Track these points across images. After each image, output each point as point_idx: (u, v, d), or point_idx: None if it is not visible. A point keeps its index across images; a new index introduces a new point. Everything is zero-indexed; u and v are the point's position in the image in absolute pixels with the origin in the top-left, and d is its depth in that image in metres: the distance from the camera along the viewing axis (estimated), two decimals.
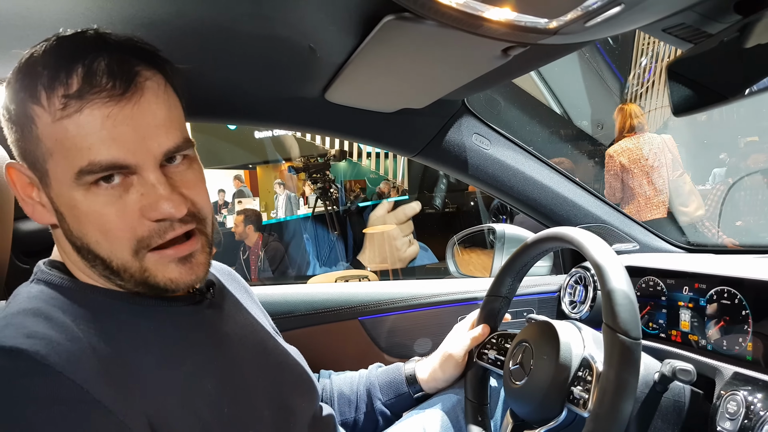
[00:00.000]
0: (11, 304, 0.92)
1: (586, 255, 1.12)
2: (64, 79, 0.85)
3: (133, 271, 0.92)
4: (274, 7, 1.05)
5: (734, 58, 0.99)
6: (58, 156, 0.87)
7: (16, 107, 0.89)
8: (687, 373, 1.12)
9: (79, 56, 0.86)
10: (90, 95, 0.85)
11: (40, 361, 0.78)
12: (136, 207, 0.89)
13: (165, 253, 0.93)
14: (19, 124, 0.89)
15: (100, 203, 0.88)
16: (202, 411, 0.92)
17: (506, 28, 0.99)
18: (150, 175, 0.89)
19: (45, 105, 0.85)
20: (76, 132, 0.85)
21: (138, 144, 0.87)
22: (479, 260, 2.38)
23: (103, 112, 0.85)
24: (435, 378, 1.48)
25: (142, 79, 0.89)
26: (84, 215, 0.89)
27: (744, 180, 4.99)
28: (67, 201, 0.89)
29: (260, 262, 6.88)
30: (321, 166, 8.17)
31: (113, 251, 0.90)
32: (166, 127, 0.91)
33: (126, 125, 0.86)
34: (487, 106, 2.01)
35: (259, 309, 1.34)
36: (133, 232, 0.90)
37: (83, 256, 0.93)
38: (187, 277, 0.95)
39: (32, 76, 0.87)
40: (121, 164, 0.87)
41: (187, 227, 0.94)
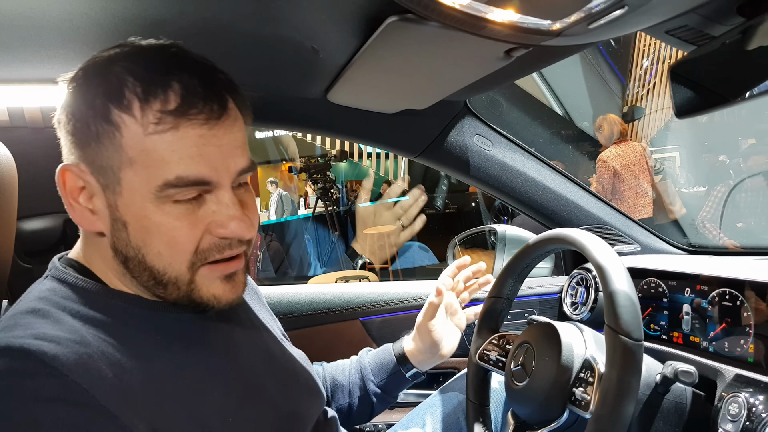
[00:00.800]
0: (21, 302, 0.92)
1: (588, 256, 1.12)
2: (160, 94, 0.86)
3: (181, 284, 0.93)
4: (277, 8, 1.05)
5: (737, 61, 0.99)
6: (139, 166, 0.87)
7: (92, 112, 0.88)
8: (689, 374, 1.13)
9: (172, 72, 0.88)
10: (188, 115, 0.87)
11: (47, 362, 0.78)
12: (206, 221, 0.91)
13: (216, 267, 0.95)
14: (96, 129, 0.88)
15: (174, 215, 0.89)
16: (208, 419, 0.92)
17: (509, 30, 0.99)
18: (225, 194, 0.92)
19: (137, 115, 0.86)
20: (167, 147, 0.86)
21: (220, 163, 0.90)
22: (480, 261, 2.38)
23: (197, 132, 0.87)
24: (418, 349, 1.47)
25: (231, 105, 0.93)
26: (154, 226, 0.89)
27: (745, 182, 4.99)
28: (137, 211, 0.89)
29: (259, 262, 6.87)
30: (322, 166, 8.16)
31: (172, 263, 0.91)
32: (242, 149, 0.95)
33: (213, 145, 0.89)
34: (489, 107, 2.02)
35: (267, 312, 1.34)
36: (196, 246, 0.91)
37: (129, 266, 0.93)
38: (230, 295, 0.98)
39: (116, 82, 0.87)
40: (205, 180, 0.89)
41: (242, 248, 0.97)
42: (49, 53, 1.20)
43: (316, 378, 1.27)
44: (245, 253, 1.00)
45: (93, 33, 1.10)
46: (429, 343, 1.46)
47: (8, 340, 0.80)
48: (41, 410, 0.75)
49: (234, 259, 0.97)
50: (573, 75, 8.80)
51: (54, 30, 1.08)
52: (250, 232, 0.95)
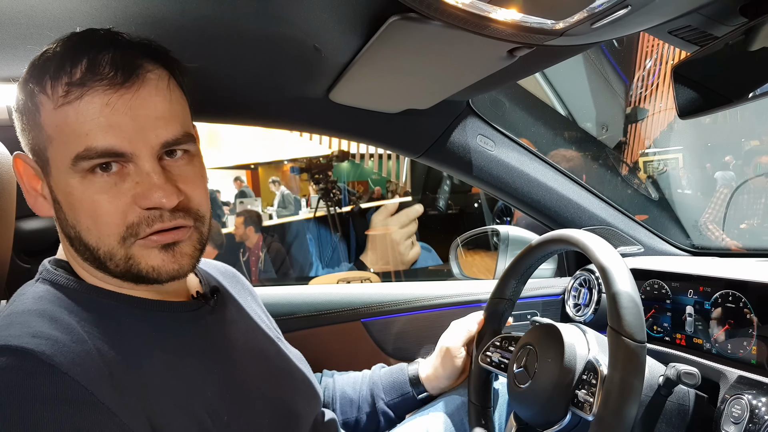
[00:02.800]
0: (16, 302, 0.93)
1: (591, 257, 1.11)
2: (68, 69, 0.87)
3: (118, 259, 0.92)
4: (279, 7, 1.05)
5: (739, 61, 0.99)
6: (57, 142, 0.89)
7: (24, 98, 0.92)
8: (691, 376, 1.12)
9: (86, 49, 0.89)
10: (91, 83, 0.87)
11: (45, 361, 0.78)
12: (129, 194, 0.90)
13: (149, 239, 0.93)
14: (26, 113, 0.92)
15: (94, 189, 0.89)
16: (202, 417, 0.92)
17: (512, 29, 0.99)
18: (145, 164, 0.90)
19: (49, 93, 0.88)
20: (75, 118, 0.87)
21: (135, 133, 0.89)
22: (483, 262, 2.38)
23: (102, 100, 0.87)
24: (437, 376, 1.48)
25: (144, 71, 0.92)
26: (78, 201, 0.90)
27: (748, 183, 4.99)
28: (63, 188, 0.91)
29: (261, 263, 6.87)
30: (323, 166, 8.17)
31: (101, 238, 0.91)
32: (166, 120, 0.93)
33: (124, 114, 0.88)
34: (491, 108, 2.01)
35: (262, 312, 1.34)
36: (123, 219, 0.90)
37: (75, 247, 0.95)
38: (170, 266, 0.95)
39: (42, 68, 0.90)
40: (117, 151, 0.88)
41: (177, 221, 0.94)
42: None
43: (311, 378, 1.27)
44: (195, 228, 0.98)
45: None
46: (450, 369, 1.47)
47: (6, 339, 0.80)
48: (40, 409, 0.75)
49: (172, 230, 0.95)
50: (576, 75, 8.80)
51: (55, 28, 1.08)
52: (172, 200, 0.92)
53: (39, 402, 0.76)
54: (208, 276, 1.22)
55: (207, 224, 1.01)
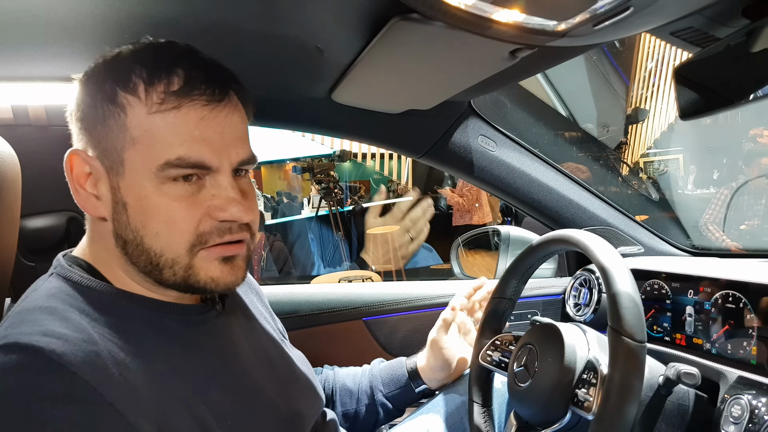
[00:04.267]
0: (28, 298, 0.93)
1: (592, 258, 1.12)
2: (164, 77, 0.90)
3: (179, 267, 0.94)
4: (282, 7, 1.05)
5: (741, 63, 0.99)
6: (142, 146, 0.90)
7: (101, 95, 0.92)
8: (691, 376, 1.13)
9: (178, 60, 0.92)
10: (191, 95, 0.90)
11: (55, 359, 0.78)
12: (205, 205, 0.93)
13: (214, 249, 0.96)
14: (102, 111, 0.92)
15: (172, 196, 0.91)
16: (207, 420, 0.92)
17: (514, 30, 0.99)
18: (224, 179, 0.94)
19: (141, 96, 0.90)
20: (169, 127, 0.90)
21: (222, 149, 0.93)
22: (484, 262, 2.38)
23: (199, 114, 0.91)
24: (430, 367, 1.50)
25: (232, 92, 0.96)
26: (153, 206, 0.91)
27: (748, 184, 4.99)
28: (137, 191, 0.92)
29: (263, 262, 6.87)
30: (325, 166, 8.16)
31: (170, 244, 0.93)
32: (243, 140, 0.98)
33: (214, 130, 0.92)
34: (493, 108, 2.01)
35: (267, 313, 1.34)
36: (195, 228, 0.93)
37: (128, 250, 0.95)
38: (228, 278, 0.98)
39: (125, 69, 0.91)
40: (206, 164, 0.92)
41: (242, 235, 0.98)
42: (54, 51, 1.20)
43: (314, 380, 1.27)
44: (247, 242, 1.01)
45: (98, 31, 1.10)
46: (441, 360, 1.49)
47: (16, 336, 0.80)
48: (49, 407, 0.76)
49: (234, 244, 0.98)
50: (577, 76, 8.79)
51: (59, 28, 1.08)
52: (248, 216, 0.96)
53: (48, 400, 0.76)
54: None
55: (255, 241, 1.04)
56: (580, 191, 1.89)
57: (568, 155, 6.83)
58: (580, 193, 1.88)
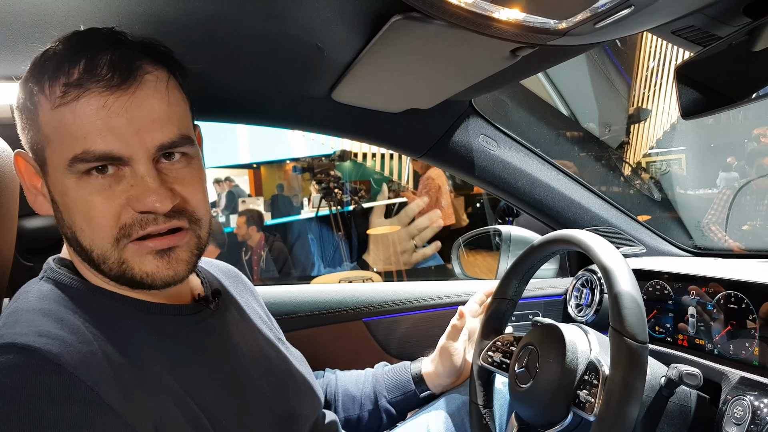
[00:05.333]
0: (20, 300, 0.92)
1: (593, 258, 1.11)
2: (66, 69, 0.87)
3: (111, 262, 0.92)
4: (282, 6, 1.05)
5: (743, 61, 0.99)
6: (54, 143, 0.89)
7: (24, 97, 0.92)
8: (693, 377, 1.12)
9: (85, 49, 0.88)
10: (88, 84, 0.86)
11: (52, 360, 0.78)
12: (123, 197, 0.90)
13: (144, 244, 0.92)
14: (26, 112, 0.92)
15: (88, 191, 0.89)
16: (201, 420, 0.92)
17: (515, 29, 0.99)
18: (141, 167, 0.90)
19: (47, 93, 0.88)
20: (72, 120, 0.87)
21: (131, 136, 0.88)
22: (485, 262, 2.38)
23: (99, 102, 0.86)
24: (437, 373, 1.49)
25: (142, 72, 0.91)
26: (72, 202, 0.90)
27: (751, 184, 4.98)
28: (60, 188, 0.91)
29: (263, 262, 6.88)
30: (325, 166, 8.18)
31: (94, 239, 0.91)
32: (163, 122, 0.92)
33: (121, 117, 0.87)
34: (494, 107, 2.01)
35: (263, 312, 1.34)
36: (116, 220, 0.90)
37: (74, 247, 0.95)
38: (164, 272, 0.94)
39: (41, 67, 0.90)
40: (115, 155, 0.88)
41: (172, 224, 0.93)
42: None
43: (311, 379, 1.27)
44: (192, 231, 0.97)
45: None
46: (449, 367, 1.48)
47: (12, 337, 0.80)
48: (46, 407, 0.75)
49: (169, 235, 0.94)
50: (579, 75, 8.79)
51: (57, 27, 1.08)
52: (166, 204, 0.90)
53: (44, 401, 0.76)
54: (210, 277, 1.22)
55: (205, 227, 1.00)
56: (581, 191, 1.88)
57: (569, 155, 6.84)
58: (581, 193, 1.88)
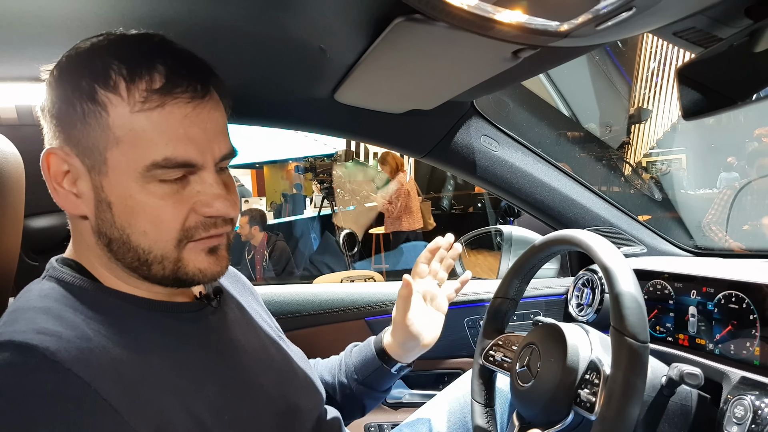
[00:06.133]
0: (21, 299, 0.93)
1: (594, 258, 1.12)
2: (146, 75, 0.88)
3: (168, 261, 0.94)
4: (285, 8, 1.05)
5: (744, 63, 0.99)
6: (126, 146, 0.89)
7: (78, 93, 0.90)
8: (694, 377, 1.13)
9: (156, 55, 0.90)
10: (174, 93, 0.88)
11: (49, 357, 0.78)
12: (190, 201, 0.93)
13: (199, 243, 0.96)
14: (81, 109, 0.89)
15: (158, 195, 0.90)
16: (204, 416, 0.92)
17: (517, 31, 0.99)
18: (209, 175, 0.94)
19: (123, 95, 0.87)
20: (154, 126, 0.88)
21: (206, 146, 0.92)
22: (486, 262, 2.38)
23: (183, 111, 0.89)
24: (399, 344, 1.41)
25: (211, 86, 0.94)
26: (139, 205, 0.91)
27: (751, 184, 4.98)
28: (123, 191, 0.91)
29: (265, 261, 6.88)
30: (327, 166, 8.18)
31: (158, 241, 0.93)
32: (224, 134, 0.97)
33: (198, 127, 0.91)
34: (495, 108, 2.01)
35: (263, 311, 1.34)
36: (183, 224, 0.93)
37: (112, 247, 0.94)
38: (214, 268, 0.99)
39: (101, 65, 0.89)
40: (192, 163, 0.91)
41: (226, 228, 0.99)
42: (58, 52, 1.19)
43: (313, 376, 1.27)
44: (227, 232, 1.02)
45: (102, 32, 1.11)
46: (407, 337, 1.39)
47: (10, 334, 0.81)
48: (43, 405, 0.76)
49: (217, 236, 0.98)
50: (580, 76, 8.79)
51: (63, 29, 1.09)
52: (234, 211, 0.97)
53: (41, 398, 0.76)
54: None
55: (233, 230, 1.04)
56: (582, 191, 1.89)
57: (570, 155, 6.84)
58: (582, 193, 1.88)
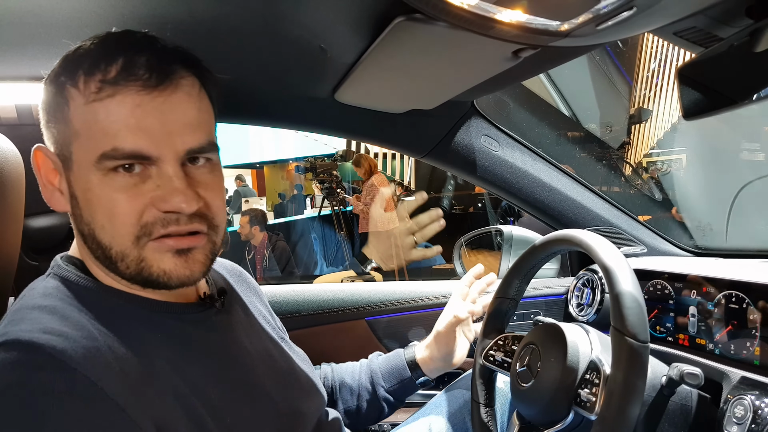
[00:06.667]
0: (25, 297, 0.92)
1: (595, 258, 1.12)
2: (103, 66, 0.88)
3: (130, 260, 0.92)
4: (285, 7, 1.05)
5: (744, 62, 0.99)
6: (83, 138, 0.89)
7: (54, 91, 0.92)
8: (694, 377, 1.12)
9: (123, 49, 0.90)
10: (125, 82, 0.88)
11: (56, 356, 0.78)
12: (148, 196, 0.90)
13: (164, 242, 0.93)
14: (54, 106, 0.92)
15: (113, 188, 0.89)
16: (205, 419, 0.92)
17: (517, 30, 0.99)
18: (169, 168, 0.91)
19: (81, 88, 0.89)
20: (105, 116, 0.88)
21: (163, 137, 0.90)
22: (486, 262, 2.38)
23: (134, 101, 0.88)
24: (432, 358, 1.50)
25: (177, 76, 0.92)
26: (96, 198, 0.90)
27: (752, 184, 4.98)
28: (83, 184, 0.91)
29: (266, 261, 6.88)
30: (328, 166, 8.20)
31: (115, 236, 0.91)
32: (193, 127, 0.93)
33: (154, 117, 0.89)
34: (496, 108, 2.01)
35: (267, 311, 1.34)
36: (138, 219, 0.90)
37: (89, 245, 0.95)
38: (182, 271, 0.95)
39: (75, 63, 0.91)
40: (144, 154, 0.89)
41: (192, 226, 0.94)
42: (57, 51, 1.19)
43: (315, 378, 1.27)
44: (208, 237, 0.98)
45: (101, 31, 1.10)
46: (445, 351, 1.48)
47: (17, 333, 0.81)
48: (50, 404, 0.76)
49: (189, 236, 0.95)
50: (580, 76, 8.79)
51: (63, 28, 1.09)
52: (192, 206, 0.92)
53: (47, 397, 0.76)
54: (215, 276, 1.22)
55: (221, 235, 1.01)
56: (583, 191, 1.89)
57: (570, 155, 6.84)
58: (582, 193, 1.88)
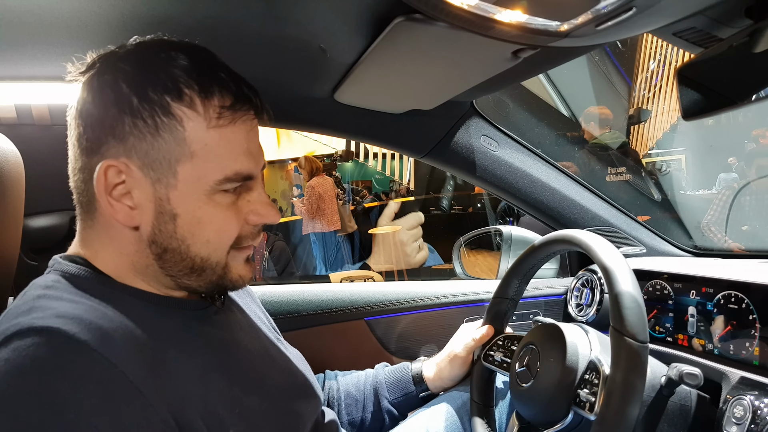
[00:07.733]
0: (27, 293, 0.91)
1: (594, 258, 1.12)
2: (217, 92, 0.92)
3: (219, 267, 1.00)
4: (285, 7, 1.06)
5: (744, 63, 0.99)
6: (200, 160, 0.92)
7: (146, 105, 0.89)
8: (694, 377, 1.12)
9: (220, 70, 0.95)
10: (242, 110, 0.95)
11: (74, 339, 0.78)
12: (244, 211, 0.99)
13: (241, 251, 1.03)
14: (154, 122, 0.90)
15: (224, 206, 0.96)
16: (218, 408, 0.93)
17: (517, 30, 0.99)
18: (259, 186, 1.01)
19: (200, 111, 0.91)
20: (227, 142, 0.94)
21: (259, 158, 0.99)
22: (485, 262, 2.38)
23: (247, 127, 0.96)
24: (441, 377, 1.49)
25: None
26: (207, 216, 0.95)
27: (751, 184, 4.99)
28: (191, 202, 0.94)
29: (265, 262, 6.87)
30: (327, 166, 8.22)
31: (216, 249, 0.98)
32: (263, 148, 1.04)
33: (255, 141, 0.99)
34: (495, 108, 2.01)
35: (262, 313, 1.35)
36: (238, 233, 0.99)
37: (164, 257, 0.96)
38: (249, 275, 1.06)
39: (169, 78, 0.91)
40: (252, 175, 0.98)
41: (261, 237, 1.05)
42: (57, 51, 1.20)
43: (311, 378, 1.27)
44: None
45: (101, 31, 1.11)
46: (458, 373, 1.49)
47: (30, 321, 0.79)
48: (72, 387, 0.75)
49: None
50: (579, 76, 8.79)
51: (62, 27, 1.09)
52: (278, 218, 1.03)
53: (66, 381, 0.75)
54: None
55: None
56: (582, 191, 1.89)
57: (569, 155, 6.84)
58: (582, 194, 1.88)
